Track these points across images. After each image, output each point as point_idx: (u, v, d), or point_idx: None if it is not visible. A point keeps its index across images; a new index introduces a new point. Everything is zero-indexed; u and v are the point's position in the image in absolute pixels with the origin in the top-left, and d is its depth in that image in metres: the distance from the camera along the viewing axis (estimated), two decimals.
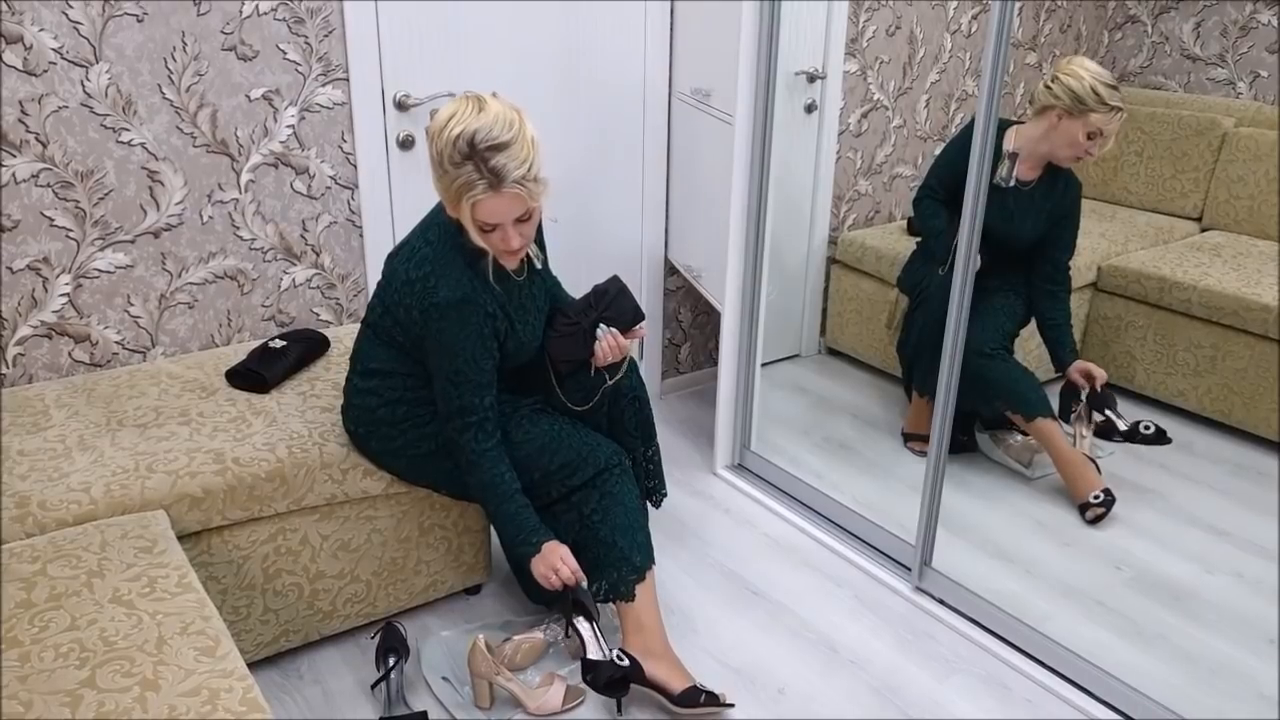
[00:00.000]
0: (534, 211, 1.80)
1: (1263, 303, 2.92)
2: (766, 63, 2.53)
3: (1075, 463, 2.69)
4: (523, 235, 1.80)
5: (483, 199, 1.72)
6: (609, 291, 2.06)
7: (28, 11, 2.07)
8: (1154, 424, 2.75)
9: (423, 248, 1.88)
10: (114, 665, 1.41)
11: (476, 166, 1.70)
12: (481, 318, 1.86)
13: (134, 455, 1.94)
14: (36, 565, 1.63)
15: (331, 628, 2.15)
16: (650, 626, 2.03)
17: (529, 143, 1.74)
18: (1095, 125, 2.51)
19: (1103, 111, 2.49)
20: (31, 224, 2.20)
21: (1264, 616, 2.34)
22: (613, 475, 2.08)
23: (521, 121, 1.74)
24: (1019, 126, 2.67)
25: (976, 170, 2.11)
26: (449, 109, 1.74)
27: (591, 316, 2.05)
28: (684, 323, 3.42)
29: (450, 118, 1.72)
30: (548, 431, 2.06)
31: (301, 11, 2.38)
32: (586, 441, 2.08)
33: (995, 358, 2.67)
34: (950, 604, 2.36)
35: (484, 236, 1.79)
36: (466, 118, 1.71)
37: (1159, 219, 3.60)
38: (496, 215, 1.75)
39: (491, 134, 1.69)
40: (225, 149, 2.39)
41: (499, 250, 1.83)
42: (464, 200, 1.73)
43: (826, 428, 3.18)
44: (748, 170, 2.63)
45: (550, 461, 2.04)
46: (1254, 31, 3.58)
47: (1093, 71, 2.49)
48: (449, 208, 1.81)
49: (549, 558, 1.95)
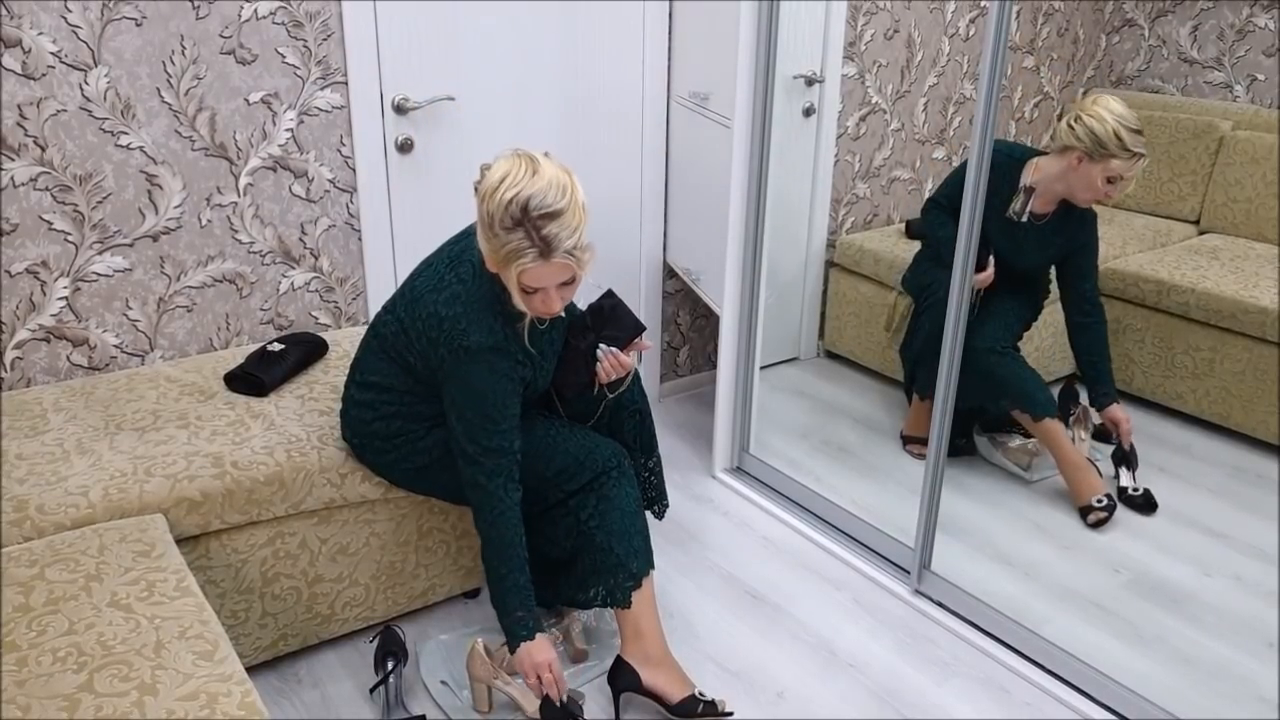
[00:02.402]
0: (577, 280, 1.77)
1: (1261, 305, 2.92)
2: (765, 66, 2.54)
3: (1079, 466, 2.68)
4: (564, 299, 1.78)
5: (531, 267, 1.69)
6: (604, 309, 2.01)
7: (26, 15, 2.07)
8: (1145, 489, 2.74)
9: (454, 284, 1.83)
10: (112, 669, 1.41)
11: (528, 234, 1.67)
12: (511, 365, 1.83)
13: (132, 459, 1.94)
14: (34, 569, 1.63)
15: (330, 631, 2.15)
16: (649, 633, 2.02)
17: (580, 210, 1.71)
18: (1116, 171, 2.44)
19: (1124, 158, 2.42)
20: (30, 227, 2.20)
21: (1263, 619, 2.34)
22: (610, 479, 2.06)
23: (573, 186, 1.71)
24: (1040, 159, 2.60)
25: (975, 173, 2.11)
26: (501, 169, 1.70)
27: (589, 338, 2.01)
28: (683, 326, 3.42)
29: (503, 180, 1.68)
30: (544, 436, 2.04)
31: (300, 15, 2.38)
32: (584, 445, 2.06)
33: (1005, 355, 2.67)
34: (949, 607, 2.36)
35: (526, 300, 1.76)
36: (521, 181, 1.67)
37: (1157, 222, 3.60)
38: (542, 281, 1.72)
39: (545, 201, 1.66)
40: (224, 152, 2.39)
41: (537, 312, 1.80)
42: (512, 265, 1.69)
43: (825, 431, 3.17)
44: (746, 173, 2.64)
45: (547, 467, 2.03)
46: (1251, 35, 3.59)
47: (1116, 114, 2.41)
48: (493, 266, 1.76)
49: (537, 655, 1.88)
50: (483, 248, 1.77)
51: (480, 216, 1.73)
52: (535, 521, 2.12)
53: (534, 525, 2.14)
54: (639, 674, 1.99)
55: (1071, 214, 2.63)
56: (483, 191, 1.71)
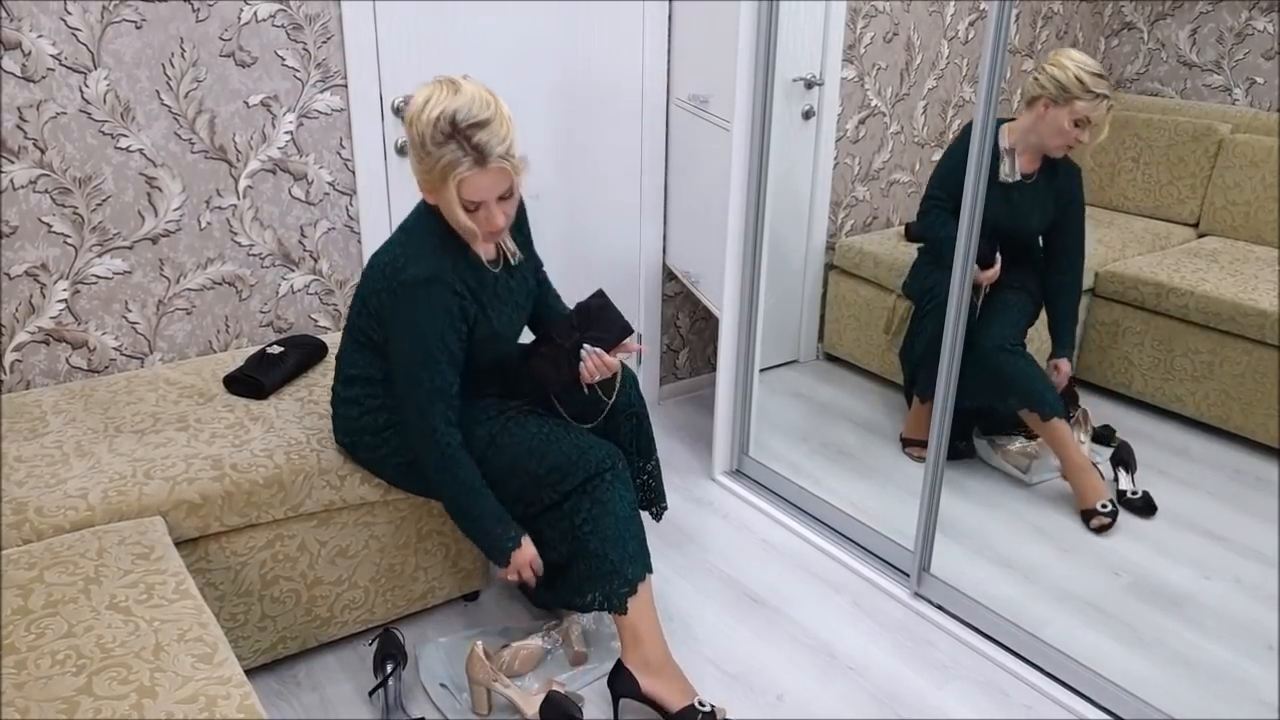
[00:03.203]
0: (514, 189, 1.82)
1: (1260, 308, 2.92)
2: (764, 69, 2.54)
3: (1085, 469, 2.68)
4: (505, 214, 1.82)
5: (468, 176, 1.74)
6: (591, 308, 2.02)
7: (26, 18, 2.07)
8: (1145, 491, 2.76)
9: (398, 234, 1.92)
10: (111, 672, 1.41)
11: (460, 144, 1.72)
12: (448, 296, 1.85)
13: (131, 461, 1.94)
14: (33, 572, 1.63)
15: (329, 634, 2.15)
16: (647, 638, 2.00)
17: (506, 121, 1.77)
18: (1081, 113, 2.55)
19: (1087, 99, 2.53)
20: (29, 230, 2.20)
21: (1263, 622, 2.34)
22: (604, 481, 2.03)
23: (496, 100, 1.77)
24: (1010, 124, 2.71)
25: (975, 173, 2.11)
26: (424, 93, 1.75)
27: (574, 337, 2.01)
28: (682, 328, 3.42)
29: (427, 101, 1.74)
30: (535, 433, 2.02)
31: (300, 18, 2.38)
32: (577, 444, 2.03)
33: (1015, 354, 2.68)
34: (949, 610, 2.36)
35: (470, 217, 1.80)
36: (444, 99, 1.73)
37: (1156, 225, 3.60)
38: (482, 192, 1.77)
39: (471, 113, 1.72)
40: (223, 155, 2.39)
41: (484, 229, 1.83)
42: (450, 179, 1.75)
43: (825, 433, 3.18)
44: (746, 176, 2.64)
45: (539, 465, 2.00)
46: (1250, 38, 3.59)
47: (1077, 61, 2.54)
48: (432, 191, 1.81)
49: (528, 553, 1.99)
50: (418, 175, 1.80)
51: (411, 142, 1.78)
52: (529, 524, 2.12)
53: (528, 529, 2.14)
54: (638, 681, 1.98)
55: (1057, 170, 2.72)
56: (409, 117, 1.76)
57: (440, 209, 1.83)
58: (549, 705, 1.89)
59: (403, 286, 1.84)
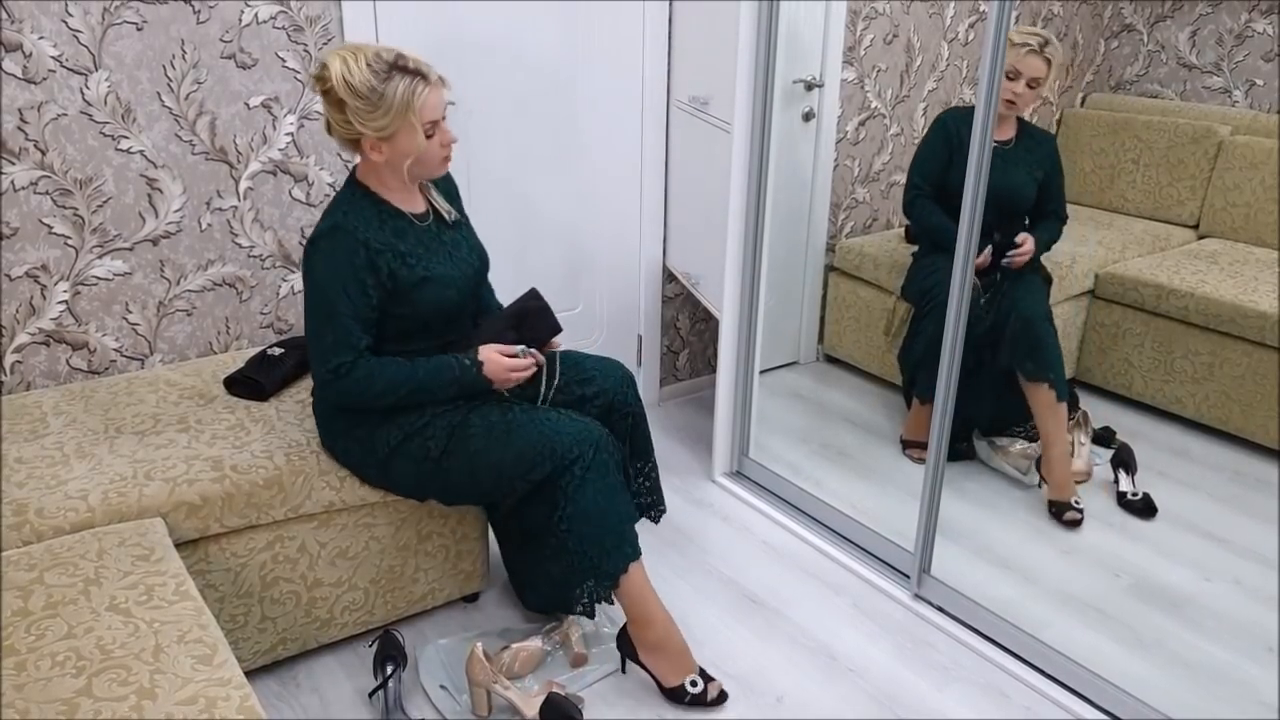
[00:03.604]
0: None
1: (1260, 310, 2.92)
2: (764, 71, 2.54)
3: (1067, 462, 2.73)
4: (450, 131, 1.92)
5: (426, 93, 1.82)
6: (529, 310, 2.07)
7: (28, 19, 2.07)
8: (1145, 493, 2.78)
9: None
10: (111, 674, 1.41)
11: (403, 72, 1.80)
12: (352, 243, 1.86)
13: (132, 462, 1.94)
14: (33, 573, 1.63)
15: (329, 636, 2.15)
16: (639, 619, 2.03)
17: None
18: (1010, 65, 2.62)
19: (1011, 54, 2.60)
20: (30, 231, 2.20)
21: (1263, 624, 2.34)
22: (573, 476, 1.95)
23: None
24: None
25: (976, 172, 2.11)
26: (338, 60, 1.80)
27: (511, 337, 2.03)
28: (682, 330, 3.42)
29: (346, 61, 1.79)
30: (498, 421, 1.97)
31: (300, 19, 2.38)
32: (543, 430, 1.96)
33: (1051, 326, 2.73)
34: (949, 611, 2.36)
35: (429, 144, 1.87)
36: (358, 53, 1.80)
37: (1156, 226, 3.61)
38: (438, 107, 1.86)
39: (385, 50, 1.82)
40: (224, 156, 2.39)
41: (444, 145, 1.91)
42: (413, 105, 1.81)
43: (825, 435, 3.18)
44: (746, 178, 2.64)
45: (503, 453, 1.94)
46: (1249, 40, 3.60)
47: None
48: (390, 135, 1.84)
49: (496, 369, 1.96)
50: (374, 126, 1.83)
51: (355, 96, 1.79)
52: (510, 520, 2.13)
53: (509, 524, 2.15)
54: (636, 651, 2.07)
55: (1033, 137, 2.86)
56: (338, 80, 1.79)
57: (390, 158, 1.88)
58: (549, 707, 1.90)
59: (310, 245, 1.89)
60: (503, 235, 2.88)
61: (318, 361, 1.90)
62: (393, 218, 1.94)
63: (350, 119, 1.82)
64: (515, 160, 2.86)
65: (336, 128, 1.87)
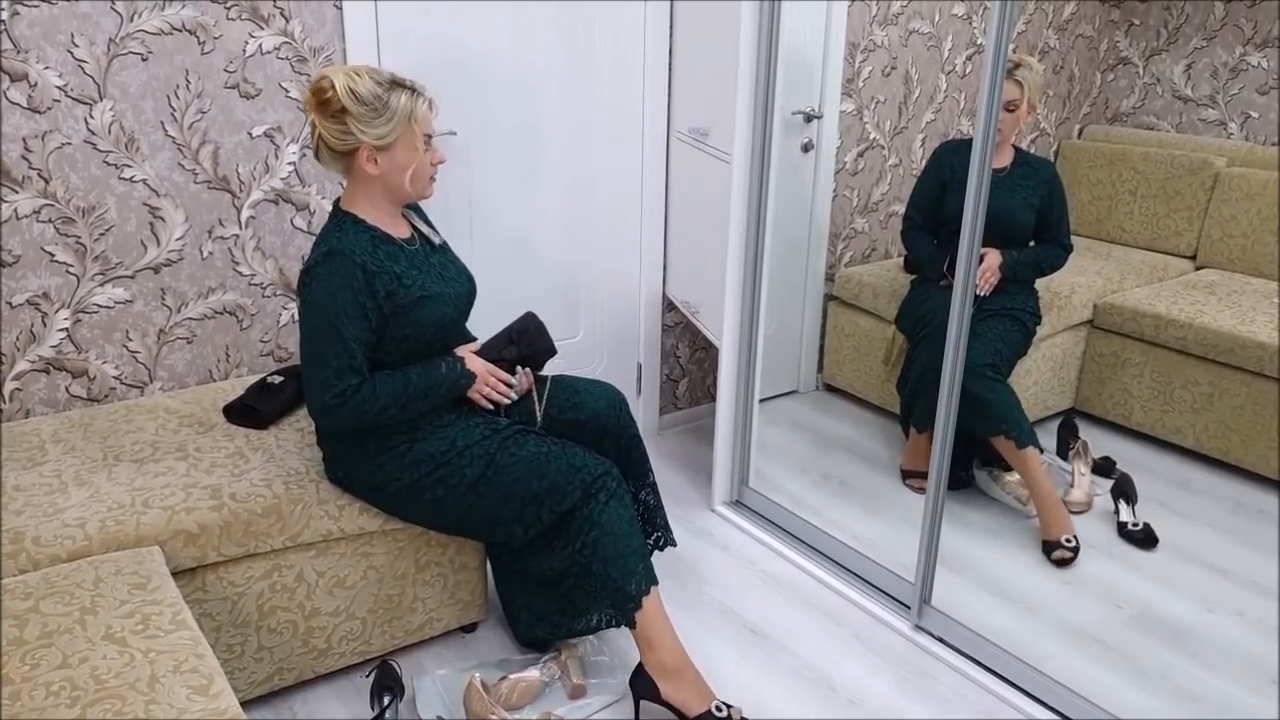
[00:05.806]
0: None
1: (1258, 340, 2.93)
2: (764, 102, 2.56)
3: (1054, 502, 2.68)
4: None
5: (424, 106, 1.91)
6: (529, 330, 2.13)
7: (33, 49, 2.09)
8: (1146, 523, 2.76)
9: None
10: (105, 704, 1.40)
11: (403, 88, 1.88)
12: (350, 265, 1.87)
13: (130, 490, 1.93)
14: (29, 602, 1.62)
15: (326, 666, 2.13)
16: (661, 644, 2.01)
17: None
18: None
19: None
20: (32, 259, 2.21)
21: (1266, 655, 2.33)
22: (598, 502, 2.01)
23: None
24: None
25: (974, 202, 2.12)
26: (340, 73, 1.84)
27: (513, 352, 2.11)
28: (682, 359, 3.43)
29: (347, 74, 1.84)
30: (535, 452, 2.02)
31: (304, 50, 2.41)
32: (572, 462, 2.03)
33: (992, 380, 2.68)
34: (950, 642, 2.34)
35: (422, 158, 1.93)
36: (353, 72, 1.85)
37: (1154, 257, 3.62)
38: (431, 122, 1.93)
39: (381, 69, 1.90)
40: (226, 185, 2.40)
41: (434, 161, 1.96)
42: (414, 116, 1.89)
43: (825, 464, 3.17)
44: (745, 208, 2.65)
45: (539, 484, 2.00)
46: (1244, 73, 3.63)
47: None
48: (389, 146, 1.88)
49: (477, 365, 2.04)
50: (373, 135, 1.86)
51: (354, 109, 1.84)
52: (528, 550, 2.12)
53: (530, 555, 2.14)
54: (658, 687, 2.00)
55: (1030, 164, 2.88)
56: (343, 89, 1.83)
57: (386, 170, 1.91)
58: None
59: (305, 272, 1.90)
60: (504, 264, 2.89)
61: (320, 388, 1.88)
62: (383, 242, 1.95)
63: (351, 128, 1.84)
64: (516, 190, 2.88)
65: (332, 140, 1.87)
